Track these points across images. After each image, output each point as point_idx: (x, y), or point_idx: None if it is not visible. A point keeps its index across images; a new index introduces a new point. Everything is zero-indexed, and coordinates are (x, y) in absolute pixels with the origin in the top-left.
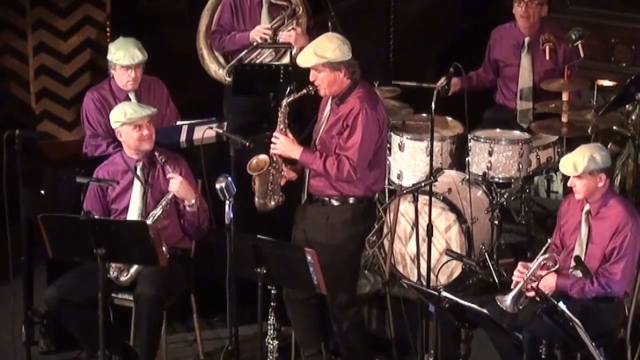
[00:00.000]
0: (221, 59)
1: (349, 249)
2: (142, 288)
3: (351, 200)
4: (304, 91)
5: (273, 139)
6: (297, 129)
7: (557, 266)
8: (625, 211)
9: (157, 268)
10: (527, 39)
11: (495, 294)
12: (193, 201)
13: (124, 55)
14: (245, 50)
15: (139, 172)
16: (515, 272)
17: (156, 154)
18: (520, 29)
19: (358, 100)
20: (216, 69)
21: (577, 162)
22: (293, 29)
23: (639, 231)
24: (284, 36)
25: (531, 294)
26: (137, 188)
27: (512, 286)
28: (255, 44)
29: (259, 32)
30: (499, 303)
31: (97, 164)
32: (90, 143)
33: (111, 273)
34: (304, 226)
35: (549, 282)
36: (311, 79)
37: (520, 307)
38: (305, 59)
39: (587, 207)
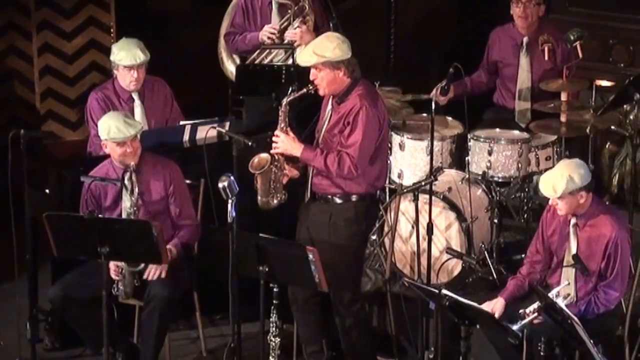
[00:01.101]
0: (238, 61)
1: (352, 247)
2: (156, 289)
3: (354, 198)
4: (304, 90)
5: (274, 138)
6: (299, 129)
7: (571, 297)
8: (613, 222)
9: (171, 269)
10: (525, 39)
11: (494, 291)
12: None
13: (126, 56)
14: (257, 51)
15: (126, 182)
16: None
17: (132, 163)
18: (519, 29)
19: (358, 98)
20: (233, 70)
21: (555, 184)
22: (299, 26)
23: (628, 239)
24: (290, 34)
25: (537, 321)
26: (125, 197)
27: (526, 313)
28: (263, 44)
29: (266, 32)
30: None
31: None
32: (95, 142)
33: (118, 292)
34: (307, 224)
35: None
36: (311, 78)
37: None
38: (304, 59)
39: (573, 220)
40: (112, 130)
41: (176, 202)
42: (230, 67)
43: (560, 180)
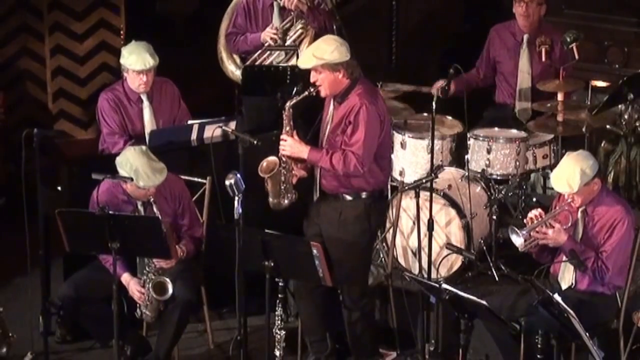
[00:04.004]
0: (238, 61)
1: (361, 243)
2: (179, 291)
3: (363, 195)
4: (306, 93)
5: (281, 142)
6: (307, 127)
7: (570, 224)
8: (621, 208)
9: (193, 273)
10: (525, 36)
11: (493, 286)
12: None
13: (136, 61)
14: (259, 51)
15: (139, 207)
16: (533, 212)
17: (150, 199)
18: (520, 27)
19: (358, 97)
20: (234, 70)
21: (570, 180)
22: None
23: (633, 226)
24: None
25: (540, 236)
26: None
27: (526, 222)
28: (266, 45)
29: (268, 33)
30: (510, 236)
31: (112, 161)
32: (106, 141)
33: (143, 316)
34: (318, 221)
35: (560, 236)
36: (312, 80)
37: (525, 249)
38: (304, 61)
39: (582, 206)
40: (140, 181)
41: (184, 218)
42: (230, 66)
43: (573, 175)
